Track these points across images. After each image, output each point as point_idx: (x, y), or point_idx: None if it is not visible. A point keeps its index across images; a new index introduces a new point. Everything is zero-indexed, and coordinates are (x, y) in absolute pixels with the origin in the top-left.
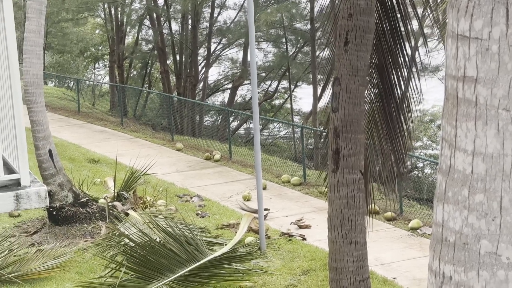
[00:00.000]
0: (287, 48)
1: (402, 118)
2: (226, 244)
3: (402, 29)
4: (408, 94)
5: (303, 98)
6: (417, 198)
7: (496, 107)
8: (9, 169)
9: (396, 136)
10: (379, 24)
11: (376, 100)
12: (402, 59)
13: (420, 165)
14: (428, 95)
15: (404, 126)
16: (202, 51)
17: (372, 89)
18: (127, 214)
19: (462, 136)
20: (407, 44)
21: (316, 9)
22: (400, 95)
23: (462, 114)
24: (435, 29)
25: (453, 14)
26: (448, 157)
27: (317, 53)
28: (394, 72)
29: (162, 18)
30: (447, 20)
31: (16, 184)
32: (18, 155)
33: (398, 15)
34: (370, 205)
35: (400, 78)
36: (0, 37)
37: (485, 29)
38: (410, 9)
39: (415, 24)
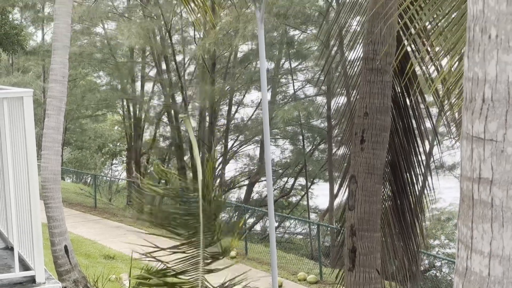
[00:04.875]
0: (303, 145)
1: (415, 217)
2: None
3: (416, 127)
4: (421, 193)
5: (320, 195)
6: None
7: None
8: (24, 266)
9: (409, 235)
10: (392, 123)
11: (388, 198)
12: (415, 157)
13: (438, 264)
14: (445, 193)
15: (418, 225)
16: (219, 148)
17: (384, 187)
18: None
19: (479, 237)
20: (420, 143)
21: (332, 107)
22: (413, 193)
23: (478, 215)
24: (452, 127)
25: (467, 116)
26: (464, 259)
27: (334, 150)
28: (407, 171)
29: (180, 115)
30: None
31: (31, 281)
32: (34, 252)
33: (411, 114)
34: None
35: (413, 177)
36: (20, 134)
37: (500, 131)
38: (423, 107)
39: (428, 123)
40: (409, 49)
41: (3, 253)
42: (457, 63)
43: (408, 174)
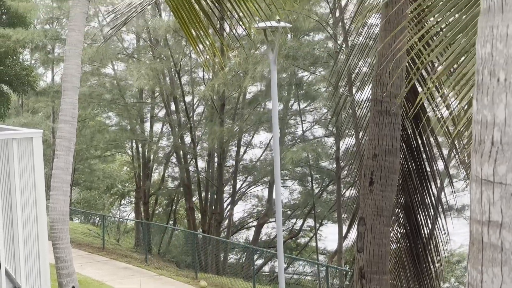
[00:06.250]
0: (312, 186)
1: (430, 259)
2: None
3: (428, 169)
4: (435, 234)
5: (328, 236)
6: None
7: None
8: None
9: (424, 277)
10: (405, 164)
11: (403, 240)
12: (428, 199)
13: None
14: (455, 235)
15: (432, 267)
16: (227, 189)
17: (398, 229)
18: None
19: (489, 281)
20: (433, 184)
21: (341, 149)
22: (427, 235)
23: (487, 259)
24: (461, 170)
25: (476, 158)
26: None
27: (343, 192)
28: (420, 212)
29: (188, 156)
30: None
31: None
32: None
33: (424, 155)
34: None
35: (427, 218)
36: (29, 175)
37: (509, 174)
38: (435, 149)
39: (440, 164)
40: (420, 90)
41: None
42: (466, 105)
43: (421, 216)
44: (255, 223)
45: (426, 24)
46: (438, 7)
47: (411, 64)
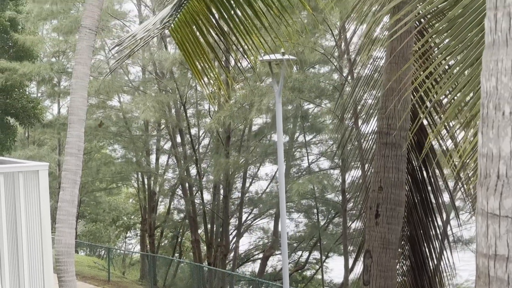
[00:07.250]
0: (318, 218)
1: None
2: None
3: (433, 201)
4: (440, 267)
5: (334, 269)
6: None
7: None
8: None
9: None
10: (410, 197)
11: (408, 272)
12: (433, 231)
13: None
14: (462, 270)
15: None
16: (233, 221)
17: (404, 261)
18: None
19: None
20: (438, 217)
21: (347, 181)
22: (432, 268)
23: None
24: (468, 203)
25: (482, 192)
26: None
27: (349, 224)
28: (425, 245)
29: (194, 188)
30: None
31: None
32: None
33: (429, 188)
34: None
35: (432, 251)
36: (35, 207)
37: None
38: (441, 182)
39: (446, 196)
40: (425, 122)
41: None
42: (472, 137)
43: (426, 249)
44: (261, 255)
45: (433, 61)
46: (444, 44)
47: (416, 96)
